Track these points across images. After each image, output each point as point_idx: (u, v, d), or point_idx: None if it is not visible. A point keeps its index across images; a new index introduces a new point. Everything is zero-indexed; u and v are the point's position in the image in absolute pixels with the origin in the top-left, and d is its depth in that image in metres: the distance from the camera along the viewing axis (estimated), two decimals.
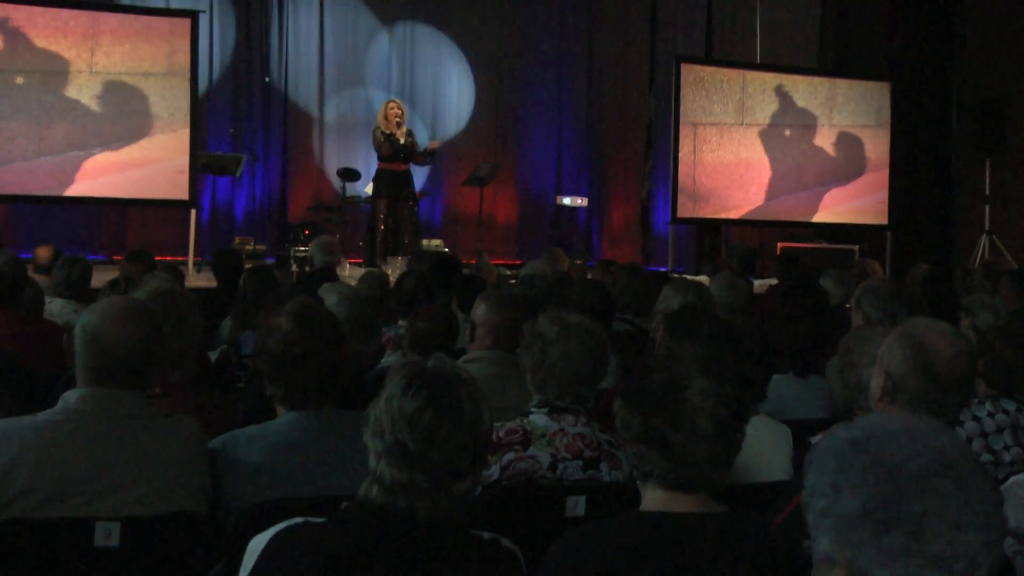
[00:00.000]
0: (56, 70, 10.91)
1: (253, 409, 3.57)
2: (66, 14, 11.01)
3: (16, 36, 10.82)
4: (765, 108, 13.65)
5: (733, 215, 13.62)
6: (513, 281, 8.86)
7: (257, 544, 2.18)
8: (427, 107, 14.36)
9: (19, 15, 10.81)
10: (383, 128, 11.71)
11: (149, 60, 11.23)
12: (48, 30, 10.91)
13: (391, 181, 11.71)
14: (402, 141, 11.65)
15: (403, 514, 2.11)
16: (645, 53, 15.18)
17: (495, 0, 14.58)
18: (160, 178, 11.25)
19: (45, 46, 10.88)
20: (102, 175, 11.02)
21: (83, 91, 10.95)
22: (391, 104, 11.87)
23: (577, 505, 3.04)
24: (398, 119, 11.66)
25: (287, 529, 2.16)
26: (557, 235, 14.58)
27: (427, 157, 12.19)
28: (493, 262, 11.13)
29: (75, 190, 11.02)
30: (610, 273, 7.09)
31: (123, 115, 11.13)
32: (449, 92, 14.60)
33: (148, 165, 11.19)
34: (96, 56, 11.11)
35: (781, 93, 13.76)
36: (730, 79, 13.56)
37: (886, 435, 1.45)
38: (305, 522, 2.17)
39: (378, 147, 11.74)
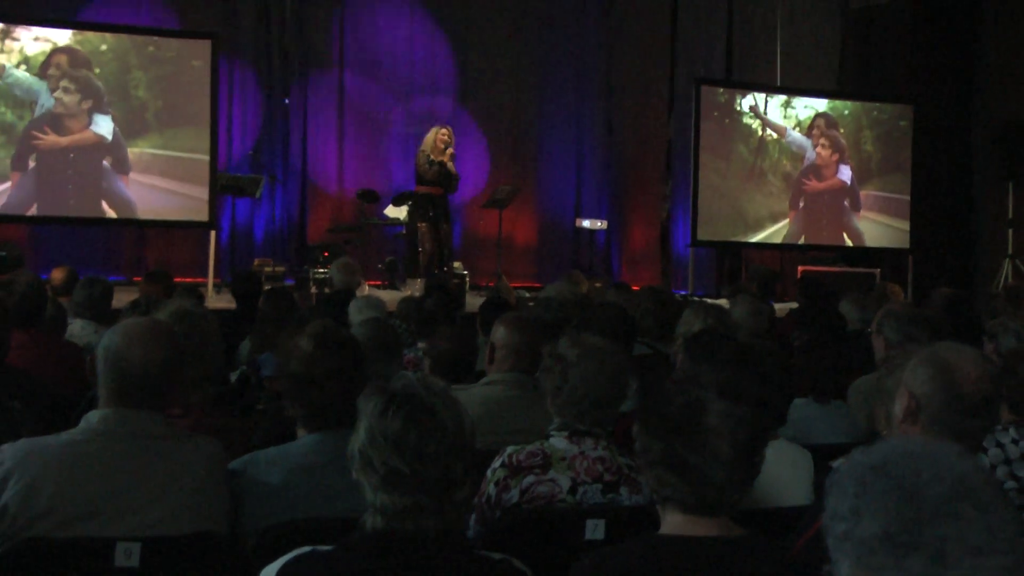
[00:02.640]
0: (101, 86, 11.12)
1: (273, 430, 3.59)
2: (93, 36, 11.23)
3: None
4: (768, 129, 13.67)
5: (753, 238, 13.62)
6: (532, 304, 8.88)
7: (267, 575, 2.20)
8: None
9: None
10: (429, 153, 11.75)
11: (168, 80, 11.34)
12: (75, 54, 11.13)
13: (433, 205, 11.78)
14: (451, 168, 11.76)
15: (412, 536, 2.12)
16: (664, 75, 15.17)
17: (513, 23, 14.59)
18: (180, 200, 11.34)
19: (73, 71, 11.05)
20: (107, 181, 11.13)
21: (102, 111, 11.09)
22: (442, 131, 11.92)
23: (596, 528, 3.04)
24: (449, 148, 11.77)
25: (296, 559, 2.17)
26: (576, 258, 14.58)
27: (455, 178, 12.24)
28: (512, 285, 11.16)
29: (95, 211, 11.12)
30: (632, 297, 7.10)
31: (138, 134, 11.25)
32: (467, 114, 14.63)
33: (167, 185, 11.29)
34: (115, 77, 11.24)
35: (799, 114, 13.78)
36: (750, 100, 13.59)
37: (907, 459, 1.45)
38: (313, 551, 2.18)
39: (422, 172, 11.79)
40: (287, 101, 13.67)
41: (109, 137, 11.08)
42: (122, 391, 2.88)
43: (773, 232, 13.63)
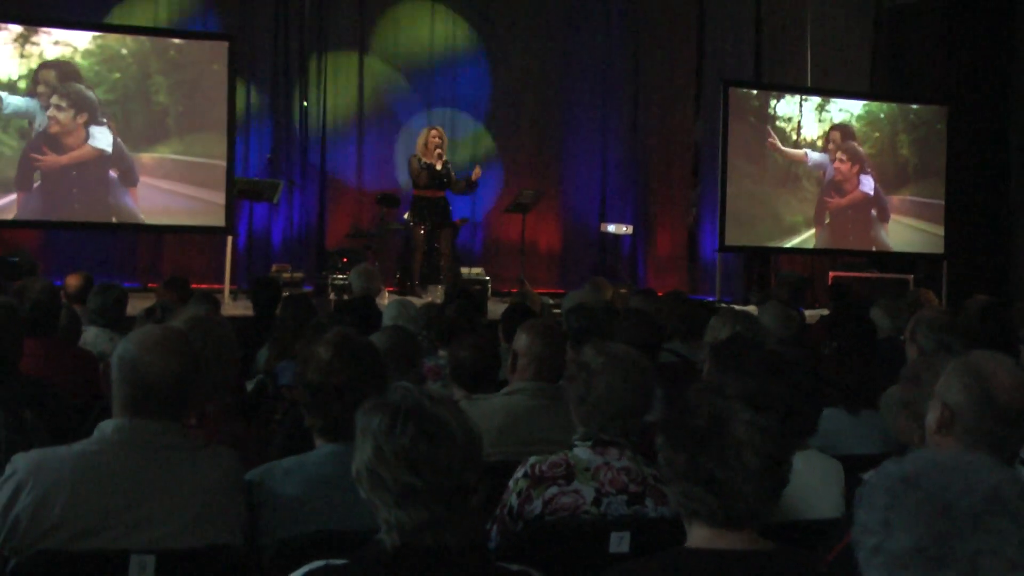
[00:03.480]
0: (93, 96, 11.16)
1: (290, 440, 3.60)
2: (113, 41, 11.36)
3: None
4: (816, 132, 13.65)
5: (783, 243, 13.59)
6: (557, 311, 8.87)
7: None
8: (467, 131, 14.40)
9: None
10: (420, 156, 11.83)
11: (186, 84, 11.41)
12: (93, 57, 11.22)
13: (427, 209, 11.84)
14: (439, 168, 11.75)
15: (432, 550, 2.12)
16: (692, 76, 15.16)
17: (537, 23, 14.59)
18: (196, 204, 11.40)
19: (89, 74, 11.13)
20: (113, 196, 11.19)
21: (97, 123, 11.17)
22: (432, 132, 11.99)
23: (622, 541, 3.03)
24: (439, 149, 11.76)
25: (310, 574, 2.17)
26: (601, 263, 14.56)
27: (467, 187, 12.25)
28: (535, 291, 11.15)
29: (90, 215, 11.20)
30: (658, 303, 7.09)
31: (158, 139, 11.32)
32: (489, 115, 14.62)
33: (184, 190, 11.34)
34: (136, 82, 11.32)
35: (833, 116, 13.75)
36: (780, 102, 13.57)
37: (939, 471, 1.44)
38: (327, 565, 2.18)
39: (414, 176, 11.89)
40: (305, 104, 13.70)
41: (109, 150, 11.12)
42: (137, 400, 2.88)
43: (807, 238, 13.59)
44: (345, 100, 13.99)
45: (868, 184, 13.81)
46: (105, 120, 11.15)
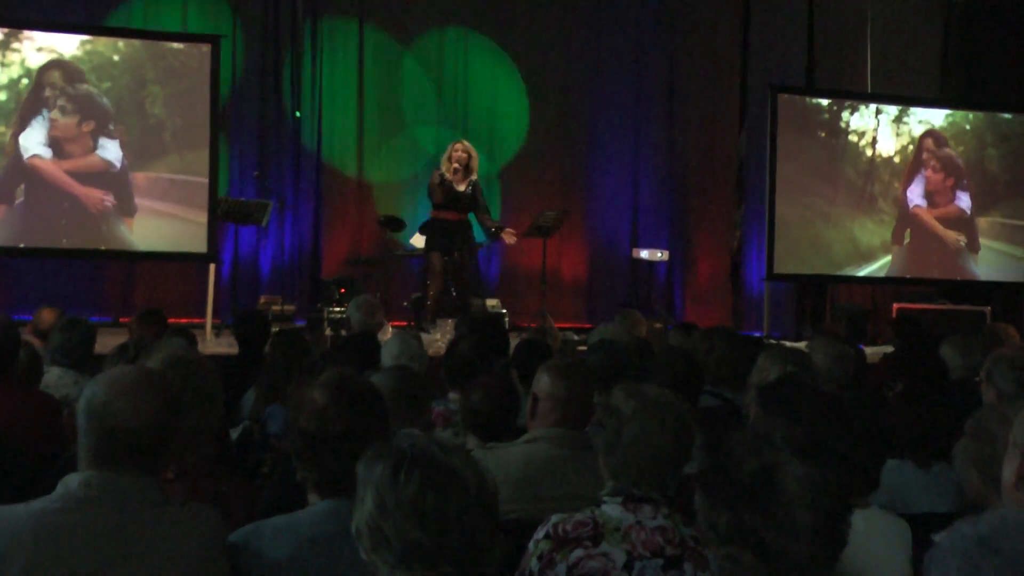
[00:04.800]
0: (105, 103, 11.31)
1: (280, 496, 3.59)
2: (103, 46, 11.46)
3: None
4: (893, 147, 13.63)
5: (839, 271, 13.56)
6: (582, 348, 8.86)
7: None
8: (481, 143, 14.40)
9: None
10: (443, 171, 11.64)
11: (166, 89, 11.49)
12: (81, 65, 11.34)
13: (445, 232, 11.67)
14: (461, 189, 11.61)
15: None
16: (735, 82, 15.17)
17: (561, 24, 14.63)
18: (174, 228, 11.43)
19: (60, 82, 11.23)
20: (107, 224, 11.21)
21: (108, 135, 11.27)
22: (456, 145, 11.77)
23: None
24: (459, 163, 11.58)
25: None
26: (633, 294, 14.55)
27: (492, 234, 12.12)
28: (558, 325, 11.14)
29: (76, 241, 11.24)
30: (695, 340, 7.07)
31: (131, 153, 11.41)
32: (507, 125, 14.67)
33: (162, 215, 11.39)
34: (129, 92, 11.42)
35: (912, 129, 13.72)
36: (836, 110, 13.58)
37: (1018, 532, 1.43)
38: None
39: (430, 189, 11.72)
40: (298, 115, 13.75)
41: (117, 165, 11.22)
42: (106, 451, 2.88)
43: (884, 263, 13.55)
44: (343, 110, 14.04)
45: (964, 201, 13.78)
46: (114, 132, 11.28)
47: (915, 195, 13.66)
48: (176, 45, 11.81)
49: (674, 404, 3.37)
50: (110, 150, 11.24)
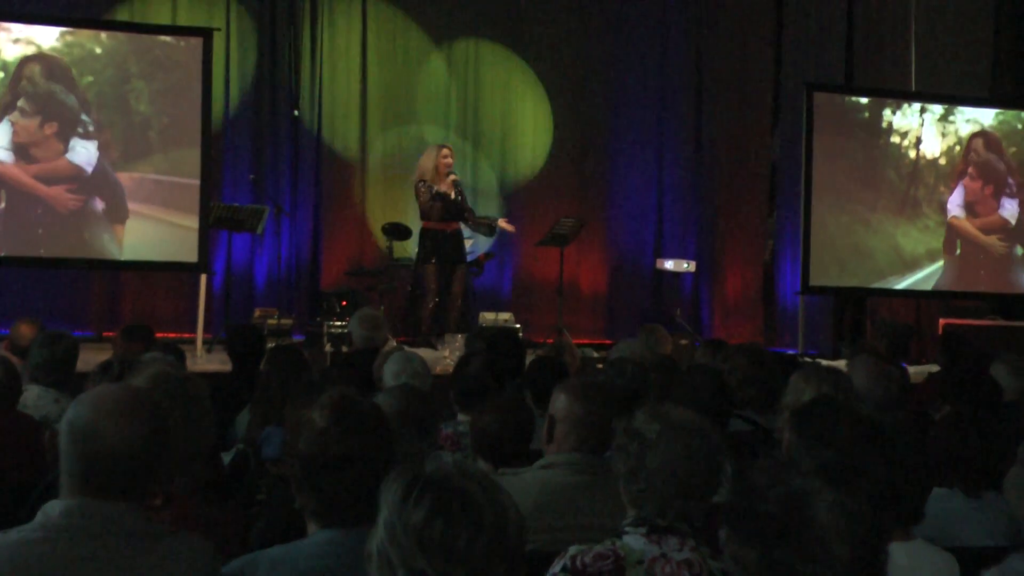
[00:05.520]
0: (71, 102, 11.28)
1: (277, 525, 3.60)
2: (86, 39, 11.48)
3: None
4: (939, 148, 13.61)
5: (882, 280, 13.54)
6: (601, 366, 8.86)
7: None
8: (494, 147, 14.42)
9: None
10: (430, 181, 11.72)
11: (152, 84, 11.51)
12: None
13: (439, 243, 11.78)
14: (452, 196, 11.69)
15: None
16: (768, 80, 15.16)
17: (580, 17, 14.63)
18: (162, 234, 11.44)
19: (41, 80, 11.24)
20: (89, 231, 11.23)
21: (81, 136, 11.27)
22: (444, 151, 11.88)
23: None
24: (449, 171, 11.69)
25: None
26: (657, 308, 14.52)
27: (489, 230, 12.17)
28: (576, 341, 11.13)
29: (55, 250, 11.26)
30: (724, 358, 7.07)
31: (114, 152, 11.43)
32: (522, 129, 14.67)
33: (147, 219, 11.38)
34: (112, 88, 11.43)
35: (959, 129, 13.70)
36: (877, 109, 13.57)
37: None
38: None
39: (425, 207, 11.80)
40: (296, 113, 13.77)
41: (88, 169, 11.19)
42: (90, 477, 2.87)
43: (932, 272, 13.54)
44: (345, 109, 14.06)
45: (1009, 208, 13.74)
46: (91, 132, 11.25)
47: (954, 205, 13.63)
48: (163, 38, 11.82)
49: (701, 428, 3.36)
50: (80, 152, 11.20)
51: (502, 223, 12.20)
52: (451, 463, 2.25)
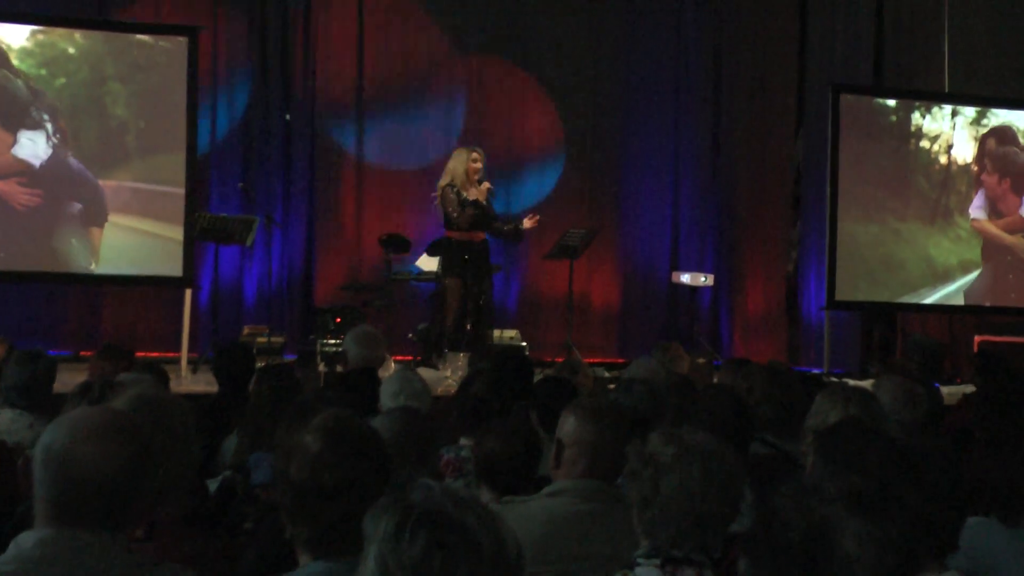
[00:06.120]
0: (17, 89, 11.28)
1: (266, 556, 3.60)
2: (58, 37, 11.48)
3: None
4: (971, 153, 13.61)
5: (913, 293, 13.53)
6: (613, 386, 8.86)
7: None
8: (500, 153, 14.41)
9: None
10: (460, 187, 11.35)
11: (128, 86, 11.51)
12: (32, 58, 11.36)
13: (467, 255, 11.43)
14: (484, 202, 11.34)
15: None
16: (791, 81, 15.16)
17: (591, 16, 14.64)
18: (143, 246, 11.43)
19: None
20: (68, 243, 11.22)
21: (28, 127, 11.26)
22: (474, 155, 11.46)
23: None
24: (479, 177, 11.34)
25: None
26: (673, 324, 14.53)
27: (515, 235, 12.02)
28: (586, 360, 11.13)
29: (32, 263, 11.26)
30: (745, 377, 7.07)
31: (123, 164, 11.44)
32: (529, 135, 14.67)
33: (125, 229, 11.37)
34: (87, 90, 11.43)
35: (975, 129, 13.71)
36: (905, 112, 13.57)
37: None
38: None
39: (453, 215, 11.36)
40: (288, 118, 13.79)
41: (36, 164, 11.16)
42: (66, 505, 2.87)
43: (954, 290, 13.53)
44: (340, 115, 14.08)
45: None
46: (45, 121, 11.21)
47: (975, 207, 13.63)
48: (142, 38, 11.82)
49: (719, 451, 3.36)
50: (25, 146, 11.15)
51: (527, 222, 11.92)
52: (439, 491, 2.22)
